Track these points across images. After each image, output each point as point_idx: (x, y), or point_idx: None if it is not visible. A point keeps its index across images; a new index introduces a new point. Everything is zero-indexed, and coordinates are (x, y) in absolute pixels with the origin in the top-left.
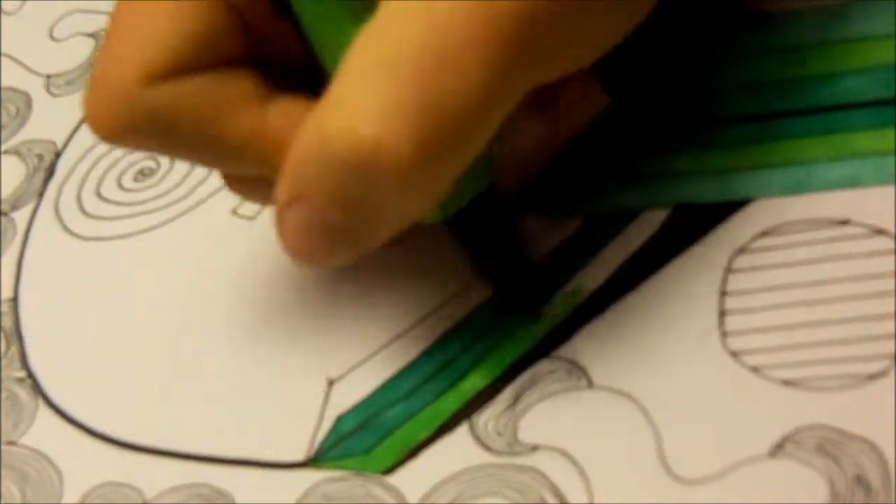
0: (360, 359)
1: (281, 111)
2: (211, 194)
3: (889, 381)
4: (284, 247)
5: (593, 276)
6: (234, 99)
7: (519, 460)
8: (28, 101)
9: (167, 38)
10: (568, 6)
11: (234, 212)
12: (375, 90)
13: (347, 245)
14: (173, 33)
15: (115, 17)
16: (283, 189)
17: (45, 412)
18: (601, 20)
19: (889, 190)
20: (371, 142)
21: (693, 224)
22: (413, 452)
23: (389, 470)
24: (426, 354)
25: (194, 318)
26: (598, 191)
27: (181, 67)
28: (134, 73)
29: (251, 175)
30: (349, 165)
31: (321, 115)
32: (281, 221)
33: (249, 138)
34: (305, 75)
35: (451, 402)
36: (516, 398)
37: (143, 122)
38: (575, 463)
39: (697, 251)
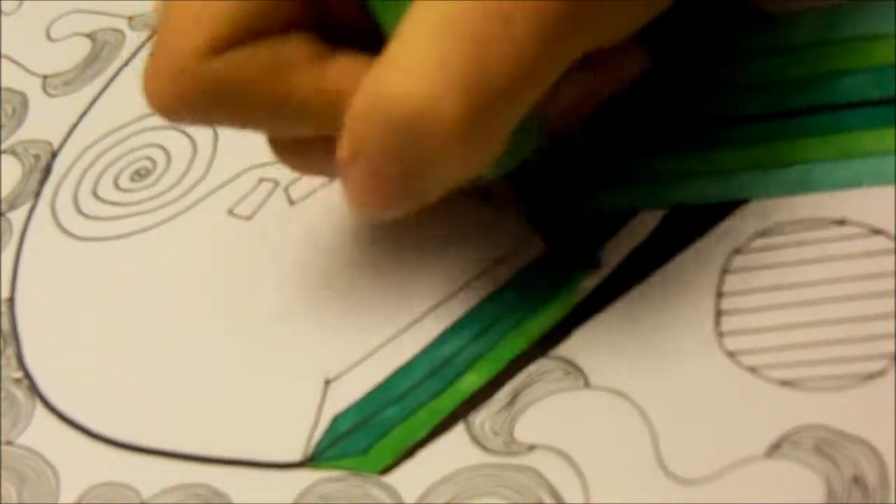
0: (356, 359)
1: (340, 69)
2: (207, 194)
3: (887, 381)
4: (348, 200)
5: (591, 275)
6: (292, 61)
7: (516, 460)
8: (25, 102)
9: (223, 10)
10: None
11: (231, 212)
12: (430, 52)
13: (405, 198)
14: (229, 4)
15: None
16: (343, 147)
17: (41, 412)
18: None
19: (887, 190)
20: (423, 103)
21: (690, 224)
22: (410, 452)
23: (386, 470)
24: (423, 354)
25: (190, 317)
26: (596, 191)
27: (239, 37)
28: (192, 47)
29: (310, 137)
30: (402, 125)
31: (377, 75)
32: (344, 176)
33: (311, 98)
34: (365, 34)
35: (447, 401)
36: (513, 398)
37: (206, 95)
38: (572, 463)
39: (694, 251)
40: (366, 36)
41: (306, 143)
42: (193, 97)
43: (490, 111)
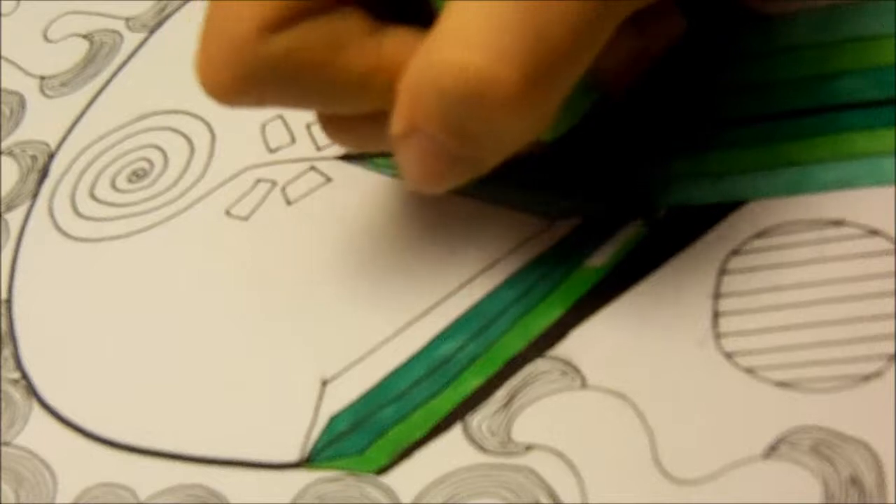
0: (353, 359)
1: (395, 42)
2: (204, 195)
3: (884, 382)
4: (405, 175)
5: (588, 275)
6: (349, 36)
7: (513, 460)
8: (22, 103)
9: None
10: None
11: (228, 212)
12: (483, 21)
13: (462, 170)
14: None
15: None
16: (397, 121)
17: (39, 413)
18: None
19: (885, 191)
20: (479, 72)
21: (687, 225)
22: (407, 452)
23: (383, 470)
24: (420, 354)
25: (187, 318)
26: (595, 192)
27: (295, 15)
28: (248, 27)
29: (367, 112)
30: (459, 96)
31: (430, 46)
32: (399, 151)
33: (369, 72)
34: (412, 8)
35: (444, 402)
36: (510, 398)
37: (265, 75)
38: (569, 463)
39: (692, 253)
40: (413, 9)
41: (355, 117)
42: (253, 78)
43: (547, 76)
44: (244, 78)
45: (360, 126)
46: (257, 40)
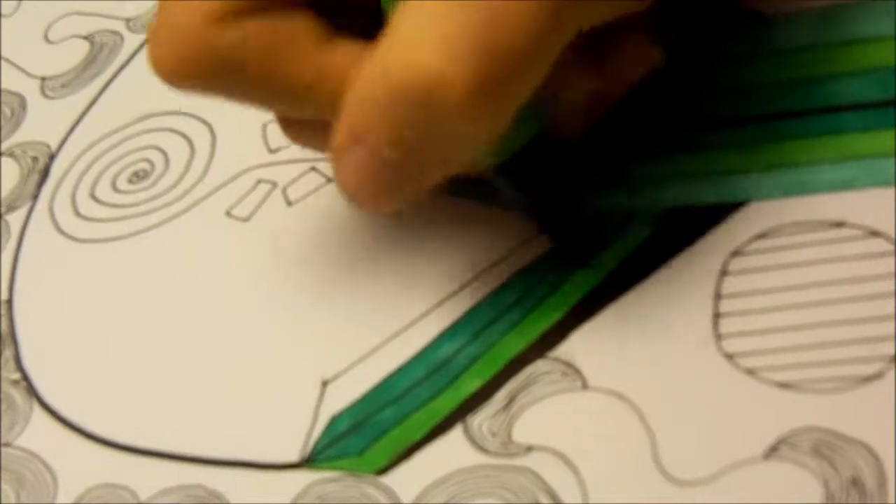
0: (354, 359)
1: (345, 53)
2: (205, 196)
3: (885, 383)
4: (342, 190)
5: (589, 277)
6: (299, 40)
7: (513, 461)
8: (23, 103)
9: None
10: None
11: (229, 213)
12: (434, 22)
13: (402, 186)
14: None
15: None
16: (341, 131)
17: (39, 414)
18: None
19: (885, 192)
20: (431, 71)
21: (688, 226)
22: (407, 453)
23: (383, 470)
24: (421, 355)
25: (188, 319)
26: (595, 192)
27: (249, 8)
28: (202, 13)
29: (312, 118)
30: (409, 96)
31: (381, 50)
32: (338, 164)
33: (315, 79)
34: (369, 17)
35: (445, 403)
36: (511, 399)
37: (212, 62)
38: (569, 464)
39: (693, 253)
40: (370, 19)
41: (309, 120)
42: (197, 65)
43: (498, 83)
44: (188, 63)
45: (312, 129)
46: (204, 28)
